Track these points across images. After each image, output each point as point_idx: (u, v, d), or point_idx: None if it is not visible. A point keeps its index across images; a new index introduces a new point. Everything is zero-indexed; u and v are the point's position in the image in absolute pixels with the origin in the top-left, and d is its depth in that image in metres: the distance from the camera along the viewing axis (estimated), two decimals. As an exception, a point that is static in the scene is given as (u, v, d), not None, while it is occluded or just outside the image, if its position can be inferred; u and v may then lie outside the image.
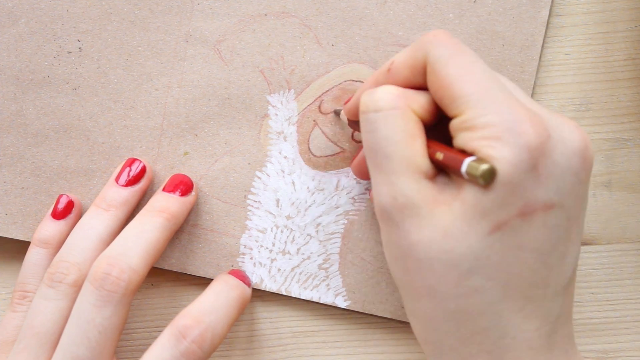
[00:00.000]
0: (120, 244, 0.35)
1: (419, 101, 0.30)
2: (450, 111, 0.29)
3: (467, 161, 0.27)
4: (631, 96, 0.39)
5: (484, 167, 0.27)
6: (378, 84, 0.32)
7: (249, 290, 0.38)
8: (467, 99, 0.28)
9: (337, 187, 0.39)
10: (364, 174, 0.37)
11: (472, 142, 0.28)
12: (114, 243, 0.36)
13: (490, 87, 0.28)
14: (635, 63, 0.39)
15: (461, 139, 0.28)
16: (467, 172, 0.27)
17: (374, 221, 0.39)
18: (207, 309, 0.35)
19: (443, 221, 0.28)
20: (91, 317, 0.34)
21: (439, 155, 0.29)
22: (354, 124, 0.36)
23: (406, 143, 0.29)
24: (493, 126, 0.27)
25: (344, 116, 0.37)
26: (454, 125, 0.29)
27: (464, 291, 0.28)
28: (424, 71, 0.31)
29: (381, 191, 0.30)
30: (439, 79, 0.29)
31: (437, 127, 0.32)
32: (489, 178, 0.27)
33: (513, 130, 0.27)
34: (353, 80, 0.39)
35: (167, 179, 0.39)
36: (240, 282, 0.38)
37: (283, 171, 0.39)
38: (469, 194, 0.28)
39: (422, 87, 0.31)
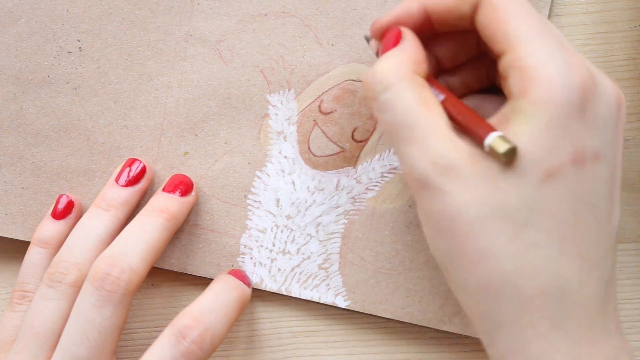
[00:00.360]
0: (120, 244, 0.35)
1: (418, 63, 0.30)
2: (496, 47, 0.29)
3: (490, 139, 0.26)
4: (631, 96, 0.39)
5: (506, 146, 0.26)
6: (421, 3, 0.31)
7: (248, 291, 0.38)
8: (520, 36, 0.28)
9: (337, 186, 0.39)
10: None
11: (523, 82, 0.27)
12: (114, 243, 0.36)
13: (545, 30, 0.28)
14: (635, 63, 0.39)
15: (514, 82, 0.28)
16: (490, 147, 0.26)
17: (374, 221, 0.39)
18: (207, 309, 0.35)
19: (489, 175, 0.27)
20: (91, 317, 0.34)
21: (460, 122, 0.29)
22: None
23: (425, 109, 0.28)
24: (543, 66, 0.27)
25: (373, 44, 0.34)
26: (505, 62, 0.28)
27: (520, 247, 0.27)
28: (471, 3, 0.30)
29: (416, 162, 0.28)
30: (494, 12, 0.29)
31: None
32: (511, 157, 0.26)
33: (564, 72, 0.27)
34: (353, 80, 0.39)
35: (167, 179, 0.39)
36: (240, 282, 0.38)
37: (283, 171, 0.39)
38: (515, 141, 0.27)
39: (460, 21, 0.31)
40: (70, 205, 0.39)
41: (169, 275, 0.41)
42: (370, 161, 0.39)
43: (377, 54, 0.34)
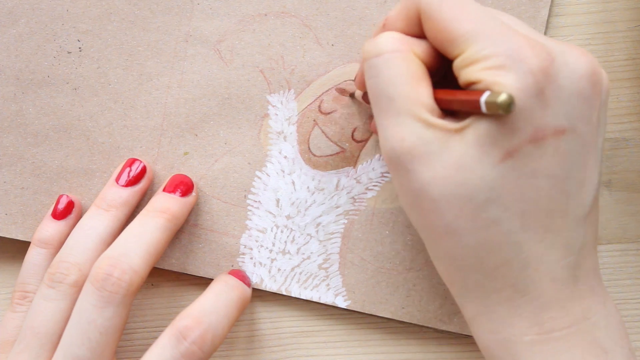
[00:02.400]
0: (121, 244, 0.35)
1: (420, 45, 0.30)
2: (451, 53, 0.29)
3: (485, 97, 0.27)
4: (631, 96, 0.39)
5: (503, 97, 0.26)
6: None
7: (249, 291, 0.38)
8: (466, 37, 0.28)
9: (337, 186, 0.39)
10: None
11: (476, 73, 0.28)
12: (115, 244, 0.36)
13: (487, 21, 0.28)
14: (635, 63, 0.39)
15: (465, 74, 0.28)
16: (487, 105, 0.27)
17: (374, 221, 0.39)
18: (207, 310, 0.35)
19: (454, 154, 0.28)
20: (92, 318, 0.34)
21: (449, 99, 0.29)
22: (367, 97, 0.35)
23: (410, 84, 0.29)
24: (495, 56, 0.27)
25: (359, 94, 0.36)
26: (457, 65, 0.29)
27: (482, 224, 0.28)
28: (418, 21, 0.31)
29: (388, 135, 0.29)
30: (434, 23, 0.29)
31: (443, 81, 0.32)
32: (509, 106, 0.26)
33: (514, 57, 0.27)
34: (353, 80, 0.39)
35: (167, 179, 0.39)
36: (240, 282, 0.38)
37: (283, 171, 0.39)
38: (478, 125, 0.28)
39: (418, 37, 0.31)
40: (70, 205, 0.39)
41: (169, 276, 0.41)
42: (370, 161, 0.39)
43: (364, 98, 0.35)
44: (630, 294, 0.40)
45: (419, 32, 0.31)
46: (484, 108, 0.27)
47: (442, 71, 0.32)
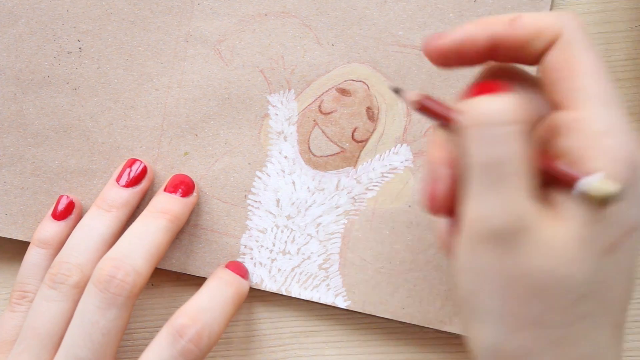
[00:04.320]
0: (124, 246, 0.35)
1: (532, 108, 0.28)
2: (562, 99, 0.28)
3: (589, 180, 0.25)
4: (631, 96, 0.39)
5: (611, 188, 0.25)
6: (491, 31, 0.29)
7: (245, 284, 0.38)
8: (592, 96, 0.27)
9: (337, 187, 0.39)
10: (441, 206, 0.30)
11: (584, 148, 0.26)
12: (118, 245, 0.36)
13: (612, 96, 0.27)
14: (635, 63, 0.39)
15: (572, 140, 0.27)
16: (588, 189, 0.25)
17: (374, 221, 0.39)
18: (203, 308, 0.35)
19: (557, 245, 0.26)
20: (95, 319, 0.34)
21: (543, 167, 0.27)
22: (426, 110, 0.30)
23: (526, 163, 0.27)
24: (607, 133, 0.26)
25: (412, 97, 0.30)
26: (564, 118, 0.27)
27: (572, 318, 0.27)
28: (547, 42, 0.28)
29: (493, 212, 0.26)
30: (570, 61, 0.27)
31: None
32: (608, 201, 0.25)
33: (626, 147, 0.26)
34: (353, 80, 0.39)
35: (167, 179, 0.39)
36: (237, 276, 0.38)
37: (283, 171, 0.39)
38: (577, 215, 0.26)
39: (526, 57, 0.29)
40: (70, 205, 0.39)
41: (170, 276, 0.41)
42: (370, 161, 0.39)
43: (415, 106, 0.30)
44: (631, 294, 0.40)
45: (533, 52, 0.29)
46: (578, 192, 0.26)
47: None
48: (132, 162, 0.39)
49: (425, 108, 0.30)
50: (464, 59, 0.30)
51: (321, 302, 0.40)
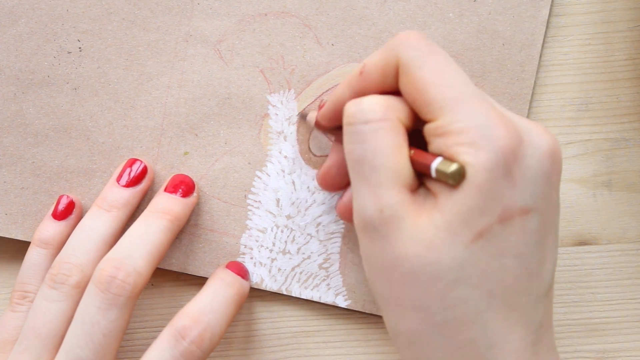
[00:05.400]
0: (125, 246, 0.35)
1: (404, 111, 0.30)
2: (424, 115, 0.29)
3: (436, 163, 0.28)
4: (631, 96, 0.39)
5: (453, 167, 0.27)
6: (352, 87, 0.32)
7: (246, 285, 0.38)
8: (442, 104, 0.28)
9: (337, 187, 0.39)
10: (330, 186, 0.37)
11: (448, 148, 0.28)
12: (119, 245, 0.36)
13: (464, 92, 0.28)
14: (635, 63, 0.39)
15: (436, 145, 0.29)
16: (437, 171, 0.27)
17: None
18: (205, 309, 0.35)
19: (426, 233, 0.28)
20: (96, 319, 0.34)
21: (410, 154, 0.29)
22: (326, 129, 0.36)
23: (395, 155, 0.29)
24: (468, 132, 0.27)
25: (311, 120, 0.37)
26: (428, 130, 0.29)
27: (450, 302, 0.28)
28: (396, 73, 0.30)
29: (367, 204, 0.29)
30: (412, 82, 0.29)
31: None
32: (458, 178, 0.27)
33: (488, 135, 0.27)
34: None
35: (167, 179, 0.39)
36: (238, 277, 0.38)
37: (283, 171, 0.39)
38: (448, 204, 0.28)
39: (394, 89, 0.31)
40: (71, 205, 0.39)
41: (170, 276, 0.41)
42: (370, 161, 0.39)
43: (317, 125, 0.35)
44: (630, 294, 0.40)
45: (394, 85, 0.31)
46: (433, 173, 0.28)
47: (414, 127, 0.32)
48: (133, 162, 0.39)
49: (321, 125, 0.35)
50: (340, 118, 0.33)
51: (321, 301, 0.40)
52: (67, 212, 0.39)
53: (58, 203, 0.39)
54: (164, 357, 0.34)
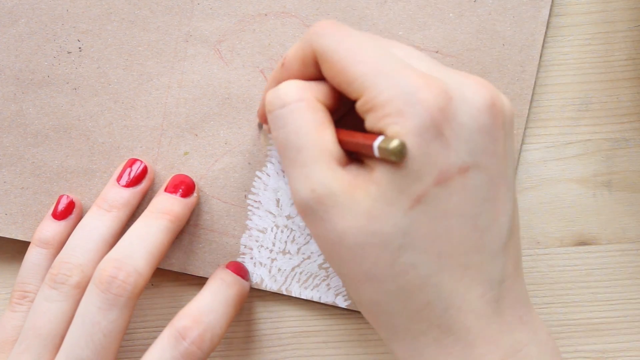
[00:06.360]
0: (125, 246, 0.35)
1: (322, 90, 0.30)
2: (350, 95, 0.29)
3: (377, 142, 0.27)
4: (631, 96, 0.39)
5: (394, 144, 0.26)
6: (277, 81, 0.32)
7: (247, 285, 0.38)
8: (362, 80, 0.28)
9: (337, 187, 0.39)
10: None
11: (378, 122, 0.28)
12: (119, 245, 0.36)
13: (382, 63, 0.28)
14: (635, 63, 0.39)
15: (369, 122, 0.28)
16: (380, 151, 0.27)
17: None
18: (205, 309, 0.35)
19: (364, 205, 0.28)
20: (96, 320, 0.34)
21: (348, 140, 0.29)
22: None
23: (317, 133, 0.29)
24: (391, 101, 0.27)
25: (266, 128, 0.37)
26: (358, 108, 0.29)
27: (399, 269, 0.28)
28: (315, 62, 0.31)
29: (299, 186, 0.29)
30: (331, 66, 0.29)
31: (349, 114, 0.32)
32: (400, 154, 0.27)
33: (411, 100, 0.27)
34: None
35: (167, 179, 0.39)
36: (238, 277, 0.38)
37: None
38: (382, 174, 0.28)
39: (318, 78, 0.31)
40: (71, 205, 0.39)
41: (170, 276, 0.41)
42: (370, 161, 0.39)
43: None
44: (630, 294, 0.40)
45: (317, 74, 0.31)
46: (377, 153, 0.27)
47: (344, 108, 0.32)
48: (133, 162, 0.39)
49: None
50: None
51: (322, 301, 0.40)
52: (67, 212, 0.39)
53: (58, 203, 0.39)
54: (164, 357, 0.34)
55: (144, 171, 0.39)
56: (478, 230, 0.29)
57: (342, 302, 0.40)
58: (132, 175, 0.38)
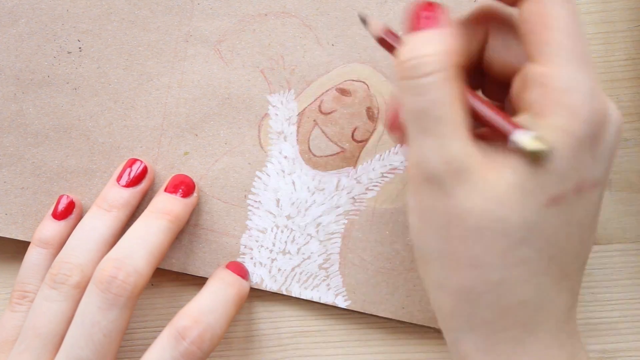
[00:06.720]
0: (125, 246, 0.35)
1: (461, 50, 0.29)
2: (533, 52, 0.28)
3: (520, 135, 0.26)
4: (631, 96, 0.39)
5: (541, 147, 0.26)
6: None
7: (246, 285, 0.38)
8: (560, 53, 0.27)
9: (337, 187, 0.39)
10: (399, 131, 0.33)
11: (544, 101, 0.27)
12: (119, 245, 0.36)
13: (583, 52, 0.27)
14: (635, 63, 0.39)
15: (531, 95, 0.27)
16: (520, 145, 0.26)
17: (374, 221, 0.39)
18: (205, 309, 0.35)
19: (497, 189, 0.27)
20: (96, 320, 0.34)
21: (482, 114, 0.28)
22: (386, 43, 0.31)
23: (458, 104, 0.27)
24: (572, 94, 0.27)
25: (376, 28, 0.32)
26: (532, 71, 0.28)
27: (510, 261, 0.27)
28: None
29: (430, 156, 0.28)
30: (543, 15, 0.28)
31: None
32: (539, 159, 0.26)
33: (589, 105, 0.27)
34: (353, 80, 0.39)
35: (167, 179, 0.39)
36: (238, 277, 0.38)
37: (283, 171, 0.39)
38: (522, 163, 0.27)
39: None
40: (71, 205, 0.39)
41: (170, 276, 0.41)
42: (370, 161, 0.39)
43: (379, 40, 0.31)
44: (630, 294, 0.40)
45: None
46: (515, 144, 0.26)
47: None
48: (133, 161, 0.39)
49: (384, 42, 0.31)
50: None
51: (321, 301, 0.40)
52: (67, 212, 0.39)
53: (58, 203, 0.39)
54: (164, 357, 0.34)
55: (144, 171, 0.39)
56: (583, 244, 0.29)
57: (342, 302, 0.40)
58: (132, 175, 0.38)
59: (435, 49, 0.28)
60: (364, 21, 0.32)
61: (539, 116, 0.27)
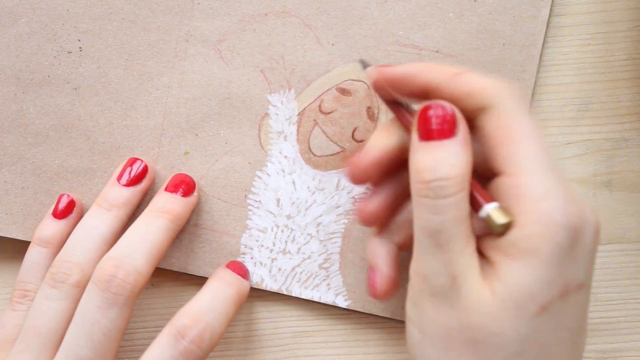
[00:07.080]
0: (125, 245, 0.35)
1: (472, 165, 0.30)
2: (500, 166, 0.29)
3: (492, 206, 0.28)
4: (631, 96, 0.39)
5: (504, 220, 0.28)
6: (430, 78, 0.31)
7: (246, 284, 0.38)
8: (528, 164, 0.28)
9: (337, 186, 0.39)
10: (359, 178, 0.34)
11: (521, 213, 0.28)
12: (119, 244, 0.36)
13: (549, 160, 0.28)
14: (635, 63, 0.39)
15: (508, 204, 0.28)
16: (489, 216, 0.28)
17: (374, 221, 0.39)
18: (205, 308, 0.35)
19: (491, 304, 0.28)
20: (96, 319, 0.34)
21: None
22: (384, 93, 0.33)
23: (468, 221, 0.29)
24: (546, 201, 0.27)
25: (372, 74, 0.32)
26: (501, 184, 0.29)
27: None
28: (476, 104, 0.30)
29: (439, 271, 0.29)
30: (504, 129, 0.29)
31: None
32: (504, 230, 0.28)
33: (564, 211, 0.27)
34: (353, 80, 0.39)
35: (168, 179, 0.39)
36: (238, 277, 0.38)
37: (283, 171, 0.39)
38: (510, 274, 0.28)
39: (465, 110, 0.30)
40: (71, 204, 0.39)
41: (170, 275, 0.41)
42: (370, 161, 0.39)
43: (375, 88, 0.33)
44: (630, 294, 0.40)
45: (471, 109, 0.30)
46: (483, 214, 0.28)
47: None
48: (133, 161, 0.39)
49: (382, 93, 0.33)
50: (401, 91, 0.32)
51: (322, 301, 0.40)
52: (68, 211, 0.39)
53: (58, 202, 0.39)
54: (164, 356, 0.34)
55: (144, 170, 0.39)
56: (575, 346, 0.29)
57: (342, 302, 0.40)
58: (132, 174, 0.38)
59: (457, 171, 0.28)
60: (364, 66, 0.33)
61: (517, 227, 0.28)
